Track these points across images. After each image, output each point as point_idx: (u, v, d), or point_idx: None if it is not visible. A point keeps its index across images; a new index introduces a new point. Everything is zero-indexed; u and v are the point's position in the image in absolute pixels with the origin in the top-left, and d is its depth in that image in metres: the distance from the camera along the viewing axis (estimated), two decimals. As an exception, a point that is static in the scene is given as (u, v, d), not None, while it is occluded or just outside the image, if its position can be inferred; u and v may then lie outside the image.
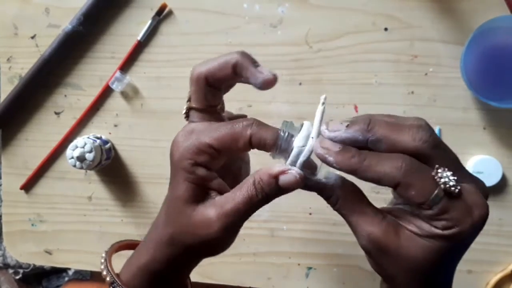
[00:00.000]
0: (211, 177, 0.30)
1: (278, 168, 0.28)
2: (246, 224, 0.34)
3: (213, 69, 0.31)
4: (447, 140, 0.31)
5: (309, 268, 0.58)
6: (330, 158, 0.27)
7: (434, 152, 0.26)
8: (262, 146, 0.29)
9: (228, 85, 0.34)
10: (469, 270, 0.56)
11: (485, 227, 0.58)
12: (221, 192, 0.30)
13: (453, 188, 0.26)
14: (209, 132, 0.29)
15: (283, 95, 0.55)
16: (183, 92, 0.57)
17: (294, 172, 0.28)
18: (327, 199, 0.29)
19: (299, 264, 0.58)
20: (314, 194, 0.30)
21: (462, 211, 0.26)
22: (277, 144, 0.28)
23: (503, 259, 0.55)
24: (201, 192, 0.30)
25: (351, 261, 0.57)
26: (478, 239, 0.59)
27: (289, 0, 0.55)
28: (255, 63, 0.32)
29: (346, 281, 0.57)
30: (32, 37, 0.58)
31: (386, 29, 0.54)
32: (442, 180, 0.26)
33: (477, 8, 0.52)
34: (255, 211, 0.29)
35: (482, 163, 0.53)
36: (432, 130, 0.27)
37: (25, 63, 0.58)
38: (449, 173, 0.26)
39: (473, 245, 0.57)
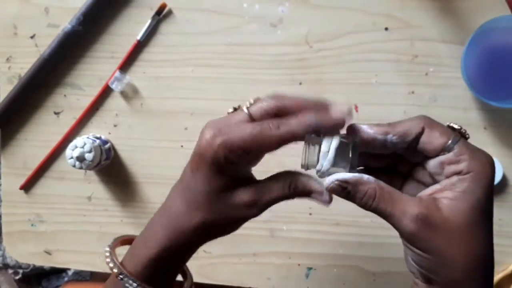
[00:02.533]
0: (240, 170, 0.33)
1: (315, 187, 0.32)
2: (246, 224, 0.35)
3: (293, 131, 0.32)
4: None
5: (309, 269, 0.58)
6: (365, 126, 0.31)
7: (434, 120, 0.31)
8: (289, 141, 0.31)
9: None
10: (469, 271, 0.56)
11: (486, 227, 0.58)
12: (247, 179, 0.34)
13: (465, 132, 0.31)
14: (238, 133, 0.31)
15: (283, 95, 0.55)
16: (183, 92, 0.57)
17: (326, 197, 0.32)
18: (361, 200, 0.31)
19: (299, 265, 0.58)
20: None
21: (478, 151, 0.30)
22: (305, 161, 0.32)
23: (503, 259, 0.55)
24: (231, 183, 0.33)
25: (351, 261, 0.57)
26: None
27: (289, 0, 0.55)
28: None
29: (346, 282, 0.57)
30: (32, 37, 0.58)
31: (386, 29, 0.54)
32: (456, 126, 0.31)
33: (477, 8, 0.52)
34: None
35: (483, 163, 0.53)
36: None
37: (25, 63, 0.58)
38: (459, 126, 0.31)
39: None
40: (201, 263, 0.59)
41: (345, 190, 0.30)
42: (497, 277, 0.55)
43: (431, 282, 0.30)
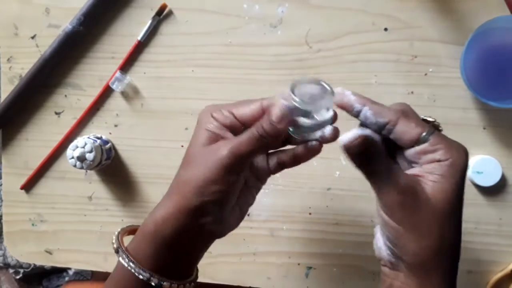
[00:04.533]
0: (225, 129, 0.35)
1: (274, 111, 0.33)
2: (246, 224, 0.35)
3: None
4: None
5: (309, 268, 0.58)
6: (348, 92, 0.33)
7: (413, 111, 0.33)
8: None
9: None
10: (469, 270, 0.56)
11: (485, 227, 0.59)
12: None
13: (438, 124, 0.33)
14: (231, 103, 0.36)
15: (283, 95, 0.56)
16: (183, 92, 0.57)
17: (280, 104, 0.33)
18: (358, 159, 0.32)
19: (299, 264, 0.58)
20: (313, 193, 0.31)
21: (452, 141, 0.32)
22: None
23: (502, 259, 0.55)
24: (217, 136, 0.35)
25: (351, 261, 0.57)
26: (478, 239, 0.59)
27: (289, 0, 0.55)
28: None
29: (346, 281, 0.57)
30: (32, 37, 0.58)
31: (386, 29, 0.54)
32: (430, 119, 0.33)
33: (477, 8, 0.52)
34: (258, 152, 0.34)
35: (482, 163, 0.53)
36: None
37: (26, 63, 0.58)
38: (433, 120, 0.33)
39: (472, 245, 0.58)
40: (201, 262, 0.59)
41: (369, 143, 0.31)
42: (496, 276, 0.55)
43: (398, 266, 0.32)
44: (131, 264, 0.34)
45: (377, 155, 0.31)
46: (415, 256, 0.31)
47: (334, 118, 0.34)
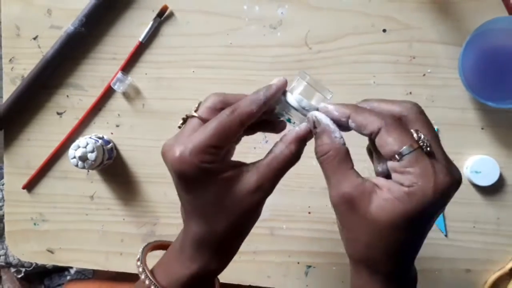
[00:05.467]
0: (221, 162, 0.32)
1: (298, 132, 0.33)
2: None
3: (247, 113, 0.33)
4: (446, 140, 0.32)
5: (309, 267, 0.58)
6: (331, 107, 0.32)
7: (418, 117, 0.31)
8: (253, 116, 0.33)
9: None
10: (467, 269, 0.56)
11: (483, 226, 0.59)
12: (236, 166, 0.33)
13: (425, 145, 0.29)
14: (203, 134, 0.31)
15: (283, 95, 0.56)
16: (184, 93, 0.58)
17: (305, 126, 0.33)
18: (316, 147, 0.32)
19: (298, 263, 0.58)
20: (313, 193, 0.31)
21: (428, 169, 0.28)
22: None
23: (501, 258, 0.56)
24: (228, 176, 0.32)
25: (350, 260, 0.57)
26: (476, 238, 0.59)
27: (288, 2, 0.55)
28: None
29: (345, 280, 0.58)
30: (34, 38, 0.59)
31: (384, 30, 0.54)
32: (418, 136, 0.29)
33: (475, 9, 0.52)
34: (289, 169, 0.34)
35: (480, 163, 0.53)
36: (419, 106, 0.32)
37: (27, 64, 0.58)
38: (426, 137, 0.29)
39: (471, 244, 0.58)
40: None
41: (314, 130, 0.32)
42: (495, 275, 0.55)
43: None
44: None
45: (320, 137, 0.32)
46: (348, 251, 0.32)
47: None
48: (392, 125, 0.29)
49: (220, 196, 0.32)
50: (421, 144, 0.29)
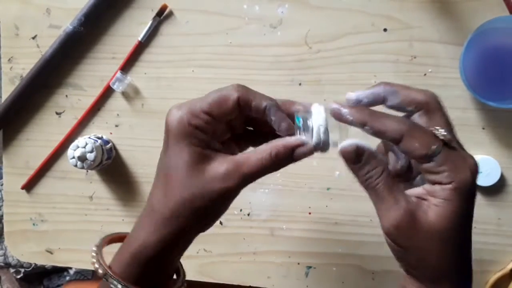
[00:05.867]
0: (210, 140, 0.32)
1: (296, 141, 0.31)
2: (246, 223, 0.35)
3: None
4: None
5: (309, 267, 0.58)
6: (345, 111, 0.30)
7: (439, 106, 0.31)
8: (249, 107, 0.32)
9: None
10: (468, 270, 0.56)
11: (484, 226, 0.59)
12: (226, 155, 0.32)
13: (448, 140, 0.29)
14: (199, 100, 0.32)
15: (283, 95, 0.55)
16: (184, 93, 0.58)
17: (310, 145, 0.31)
18: (365, 174, 0.31)
19: (298, 263, 0.58)
20: (313, 193, 0.31)
21: (460, 160, 0.29)
22: (299, 130, 0.32)
23: (502, 258, 0.56)
24: (205, 155, 0.32)
25: (350, 260, 0.57)
26: (477, 238, 0.59)
27: (288, 1, 0.55)
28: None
29: (346, 280, 0.58)
30: (33, 38, 0.59)
31: (385, 29, 0.54)
32: (441, 134, 0.29)
33: (476, 8, 0.52)
34: (266, 174, 0.32)
35: (481, 163, 0.53)
36: (437, 96, 0.32)
37: (26, 63, 0.58)
38: (446, 132, 0.30)
39: (472, 244, 0.58)
40: (202, 262, 0.59)
41: (359, 157, 0.30)
42: (496, 276, 0.55)
43: (411, 274, 0.32)
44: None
45: (368, 162, 0.31)
46: (422, 274, 0.31)
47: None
48: (414, 129, 0.29)
49: (187, 168, 0.31)
50: (446, 140, 0.29)
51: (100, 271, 0.34)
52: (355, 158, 0.31)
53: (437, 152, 0.29)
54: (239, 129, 0.36)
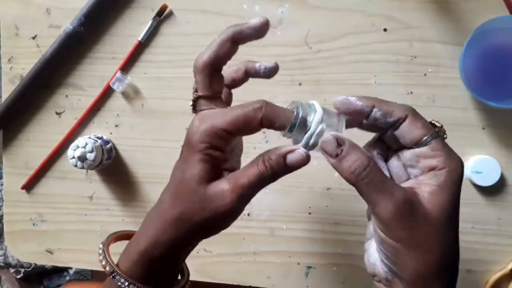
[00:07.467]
0: (224, 158, 0.33)
1: (286, 148, 0.31)
2: (246, 223, 0.35)
3: (214, 52, 0.35)
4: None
5: (309, 267, 0.58)
6: (353, 98, 0.31)
7: (420, 115, 0.32)
8: (272, 127, 0.31)
9: (237, 81, 0.39)
10: (468, 270, 0.56)
11: (484, 227, 0.59)
12: (232, 172, 0.33)
13: (444, 131, 0.32)
14: (222, 117, 0.31)
15: (283, 95, 0.56)
16: (184, 92, 0.58)
17: (301, 151, 0.31)
18: (349, 167, 0.30)
19: (298, 263, 0.58)
20: (313, 193, 0.30)
21: (451, 151, 0.31)
22: (291, 126, 0.31)
23: (502, 258, 0.56)
24: (215, 173, 0.32)
25: (350, 260, 0.57)
26: (477, 238, 0.59)
27: (288, 1, 0.55)
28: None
29: (346, 280, 0.58)
30: (33, 38, 0.59)
31: (385, 29, 0.54)
32: (437, 124, 0.32)
33: (476, 8, 0.52)
34: (264, 186, 0.32)
35: (481, 163, 0.53)
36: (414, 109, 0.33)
37: (26, 63, 0.58)
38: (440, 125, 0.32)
39: (472, 245, 0.58)
40: (202, 261, 0.59)
41: (339, 148, 0.30)
42: (496, 276, 0.55)
43: (394, 283, 0.31)
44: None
45: (350, 153, 0.30)
46: (415, 274, 0.29)
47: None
48: (417, 114, 0.31)
49: (194, 182, 0.32)
50: (442, 130, 0.32)
51: (107, 268, 0.34)
52: (336, 148, 0.30)
53: (435, 136, 0.30)
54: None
